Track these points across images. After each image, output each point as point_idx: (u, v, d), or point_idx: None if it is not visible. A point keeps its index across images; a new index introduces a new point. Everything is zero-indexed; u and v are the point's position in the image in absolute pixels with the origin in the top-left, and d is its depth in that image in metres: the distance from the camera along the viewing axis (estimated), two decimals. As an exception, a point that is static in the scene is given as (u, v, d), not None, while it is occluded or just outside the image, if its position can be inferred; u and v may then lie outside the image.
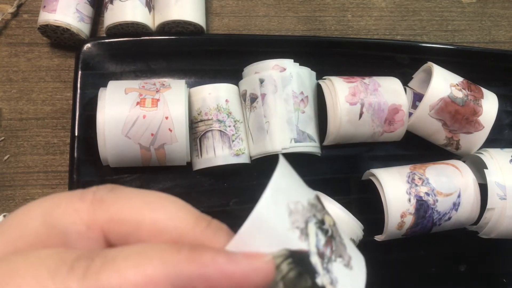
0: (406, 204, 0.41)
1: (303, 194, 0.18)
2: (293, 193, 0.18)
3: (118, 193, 0.17)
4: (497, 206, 0.41)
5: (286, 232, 0.16)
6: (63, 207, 0.16)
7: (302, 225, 0.17)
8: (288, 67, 0.44)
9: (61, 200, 0.16)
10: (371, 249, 0.44)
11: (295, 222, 0.17)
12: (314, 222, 0.18)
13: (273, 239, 0.15)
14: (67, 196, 0.17)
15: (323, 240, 0.18)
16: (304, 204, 0.18)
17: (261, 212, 0.15)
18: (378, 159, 0.49)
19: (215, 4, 0.53)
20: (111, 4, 0.46)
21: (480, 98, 0.45)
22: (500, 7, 0.59)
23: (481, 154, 0.44)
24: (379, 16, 0.56)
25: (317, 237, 0.18)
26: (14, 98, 0.48)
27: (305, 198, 0.18)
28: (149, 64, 0.48)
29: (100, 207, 0.16)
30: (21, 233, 0.16)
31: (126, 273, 0.14)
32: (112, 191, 0.17)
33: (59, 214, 0.16)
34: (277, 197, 0.16)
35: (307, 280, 0.16)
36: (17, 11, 0.50)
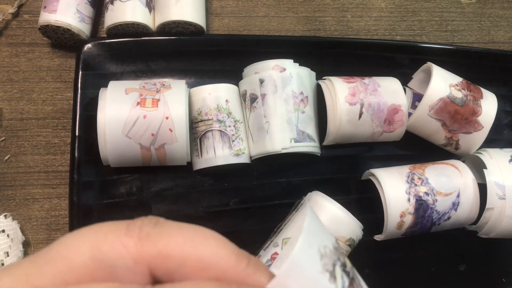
0: (405, 203, 0.41)
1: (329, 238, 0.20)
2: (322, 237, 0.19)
3: (163, 228, 0.17)
4: (496, 206, 0.42)
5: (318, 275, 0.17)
6: (111, 242, 0.17)
7: (331, 268, 0.18)
8: (288, 67, 0.44)
9: (107, 233, 0.17)
10: (370, 249, 0.44)
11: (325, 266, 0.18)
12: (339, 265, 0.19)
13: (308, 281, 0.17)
14: (114, 229, 0.17)
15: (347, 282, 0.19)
16: (331, 248, 0.19)
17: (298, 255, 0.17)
18: (377, 159, 0.49)
19: (215, 4, 0.54)
20: (112, 5, 0.46)
21: (480, 98, 0.45)
22: (499, 8, 0.59)
23: (480, 154, 0.44)
24: (379, 17, 0.56)
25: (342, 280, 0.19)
26: (15, 98, 0.48)
27: (330, 242, 0.19)
28: (149, 64, 0.48)
29: (146, 242, 0.17)
30: (70, 266, 0.16)
31: None
32: (157, 226, 0.17)
33: (107, 249, 0.17)
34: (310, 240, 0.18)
35: None
36: (18, 11, 0.50)
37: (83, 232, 0.17)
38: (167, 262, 0.17)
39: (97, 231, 0.17)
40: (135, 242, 0.17)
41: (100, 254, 0.16)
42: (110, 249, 0.16)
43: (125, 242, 0.17)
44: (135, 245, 0.17)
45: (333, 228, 0.40)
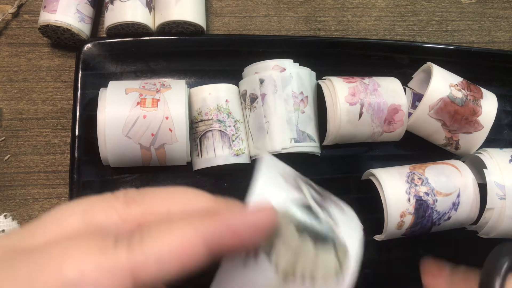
0: (405, 203, 0.41)
1: (288, 168, 0.23)
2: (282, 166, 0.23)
3: (146, 191, 0.19)
4: (497, 206, 0.42)
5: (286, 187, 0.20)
6: (100, 205, 0.19)
7: (295, 184, 0.21)
8: (288, 67, 0.44)
9: (96, 200, 0.19)
10: (370, 249, 0.44)
11: (288, 182, 0.21)
12: (304, 184, 0.22)
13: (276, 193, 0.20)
14: (102, 197, 0.19)
15: (316, 195, 0.22)
16: (291, 173, 0.22)
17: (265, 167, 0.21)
18: (377, 159, 0.49)
19: (215, 4, 0.54)
20: (112, 5, 0.46)
21: (480, 98, 0.45)
22: (499, 8, 0.59)
23: (480, 154, 0.44)
24: (379, 17, 0.56)
25: (310, 192, 0.22)
26: (15, 98, 0.48)
27: (290, 170, 0.23)
28: (149, 64, 0.48)
29: (133, 204, 0.19)
30: (62, 228, 0.18)
31: (163, 239, 0.17)
32: (140, 191, 0.19)
33: (97, 212, 0.18)
34: (270, 168, 0.22)
35: (311, 218, 0.20)
36: (18, 11, 0.50)
37: (74, 202, 0.19)
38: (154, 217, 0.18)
39: (87, 200, 0.19)
40: (122, 204, 0.19)
41: (91, 217, 0.18)
42: (100, 211, 0.18)
43: (113, 204, 0.18)
44: (122, 206, 0.19)
45: (333, 228, 0.40)
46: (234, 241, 0.18)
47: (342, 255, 0.21)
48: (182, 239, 0.17)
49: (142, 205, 0.19)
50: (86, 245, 0.16)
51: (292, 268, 0.20)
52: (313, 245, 0.20)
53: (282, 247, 0.20)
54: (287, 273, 0.20)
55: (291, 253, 0.20)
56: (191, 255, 0.17)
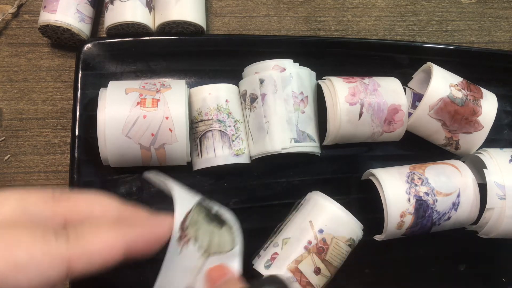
0: (405, 203, 0.41)
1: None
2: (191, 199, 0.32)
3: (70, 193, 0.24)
4: (497, 206, 0.41)
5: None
6: (34, 197, 0.22)
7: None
8: (288, 67, 0.44)
9: (30, 192, 0.22)
10: (371, 249, 0.44)
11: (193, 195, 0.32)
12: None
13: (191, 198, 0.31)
14: (34, 189, 0.23)
15: None
16: None
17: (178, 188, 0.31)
18: (377, 159, 0.49)
19: (215, 4, 0.54)
20: (112, 5, 0.46)
21: (480, 98, 0.45)
22: (499, 8, 0.59)
23: (480, 154, 0.44)
24: (379, 17, 0.56)
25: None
26: (15, 98, 0.48)
27: None
28: (149, 64, 0.48)
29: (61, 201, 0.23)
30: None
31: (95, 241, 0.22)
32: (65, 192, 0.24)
33: (31, 202, 0.22)
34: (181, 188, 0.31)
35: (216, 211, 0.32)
36: (18, 11, 0.50)
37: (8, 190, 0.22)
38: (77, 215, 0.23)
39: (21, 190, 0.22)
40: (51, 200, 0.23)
41: (26, 204, 0.21)
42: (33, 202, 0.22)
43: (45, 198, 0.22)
44: (53, 201, 0.23)
45: (333, 228, 0.40)
46: (144, 247, 0.24)
47: (233, 233, 0.31)
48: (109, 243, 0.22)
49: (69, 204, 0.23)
50: (32, 233, 0.20)
51: (208, 248, 0.29)
52: (219, 229, 0.31)
53: (202, 234, 0.29)
54: (206, 252, 0.29)
55: (208, 237, 0.30)
56: (112, 256, 0.22)
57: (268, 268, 0.40)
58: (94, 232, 0.22)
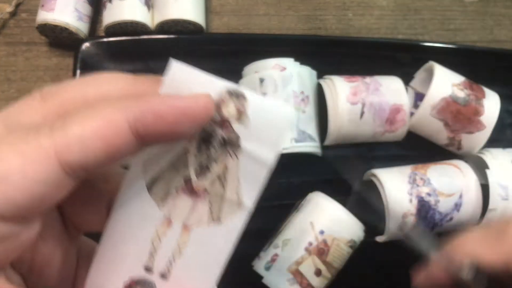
0: (407, 204, 0.41)
1: None
2: None
3: (61, 84, 0.19)
4: (499, 207, 0.41)
5: (207, 75, 0.18)
6: (18, 108, 0.18)
7: None
8: (288, 66, 0.44)
9: (14, 104, 0.18)
10: (372, 250, 0.44)
11: None
12: None
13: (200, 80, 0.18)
14: (19, 101, 0.19)
15: None
16: None
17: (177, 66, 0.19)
18: (379, 159, 0.48)
19: (214, 2, 0.53)
20: (110, 3, 0.46)
21: (482, 98, 0.45)
22: (502, 6, 0.58)
23: (483, 154, 0.44)
24: (380, 15, 0.56)
25: None
26: (13, 98, 0.47)
27: None
28: (148, 63, 0.47)
29: (49, 97, 0.18)
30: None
31: (85, 122, 0.16)
32: (55, 85, 0.19)
33: (15, 114, 0.18)
34: None
35: None
36: (16, 10, 0.50)
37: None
38: (72, 106, 0.18)
39: (6, 108, 0.18)
40: (38, 101, 0.18)
41: (10, 119, 0.18)
42: (18, 112, 0.18)
43: (30, 104, 0.18)
44: (39, 103, 0.18)
45: (334, 229, 0.40)
46: (160, 125, 0.17)
47: None
48: (104, 120, 0.16)
49: (58, 97, 0.18)
50: (8, 140, 0.16)
51: None
52: None
53: None
54: None
55: None
56: (115, 134, 0.16)
57: (268, 269, 0.39)
58: (86, 113, 0.16)
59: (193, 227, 0.19)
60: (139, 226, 0.19)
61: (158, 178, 0.19)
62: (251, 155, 0.19)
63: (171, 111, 0.17)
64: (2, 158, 0.16)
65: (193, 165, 0.19)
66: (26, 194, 0.16)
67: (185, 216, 0.19)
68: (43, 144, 0.16)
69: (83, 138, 0.16)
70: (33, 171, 0.16)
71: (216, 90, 0.18)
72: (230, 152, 0.19)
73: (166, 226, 0.19)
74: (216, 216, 0.19)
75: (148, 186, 0.19)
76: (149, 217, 0.19)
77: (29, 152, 0.16)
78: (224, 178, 0.19)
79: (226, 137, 0.18)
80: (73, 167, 0.16)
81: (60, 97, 0.18)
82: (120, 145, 0.16)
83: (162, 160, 0.19)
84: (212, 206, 0.19)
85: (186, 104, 0.17)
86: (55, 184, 0.16)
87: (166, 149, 0.19)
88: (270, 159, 0.19)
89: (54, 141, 0.16)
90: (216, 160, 0.19)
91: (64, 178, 0.16)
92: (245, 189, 0.19)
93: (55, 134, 0.16)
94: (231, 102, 0.18)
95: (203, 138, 0.19)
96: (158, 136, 0.17)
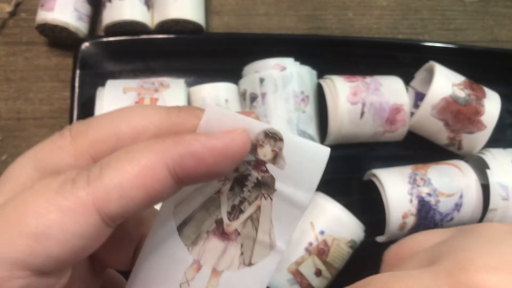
0: (407, 204, 0.41)
1: None
2: None
3: (90, 121, 0.18)
4: (500, 207, 0.41)
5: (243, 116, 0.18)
6: (48, 150, 0.17)
7: None
8: (288, 66, 0.43)
9: (44, 145, 0.18)
10: (372, 250, 0.44)
11: None
12: None
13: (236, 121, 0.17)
14: (49, 140, 0.18)
15: None
16: None
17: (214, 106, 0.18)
18: (379, 159, 0.48)
19: (214, 2, 0.53)
20: (110, 3, 0.45)
21: (483, 98, 0.45)
22: (502, 6, 0.58)
23: (483, 154, 0.44)
24: (381, 15, 0.56)
25: None
26: (12, 98, 0.47)
27: None
28: (147, 63, 0.47)
29: (79, 138, 0.17)
30: (17, 182, 0.17)
31: (124, 169, 0.15)
32: (85, 121, 0.18)
33: (45, 155, 0.17)
34: None
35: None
36: (15, 10, 0.50)
37: (23, 154, 0.18)
38: (103, 145, 0.17)
39: (34, 148, 0.18)
40: (69, 141, 0.17)
41: (41, 163, 0.17)
42: (48, 155, 0.17)
43: (60, 144, 0.17)
44: (70, 143, 0.17)
45: (334, 230, 0.40)
46: (199, 167, 0.16)
47: None
48: (143, 166, 0.16)
49: (88, 135, 0.17)
50: (42, 192, 0.16)
51: None
52: None
53: None
54: None
55: None
56: (154, 180, 0.16)
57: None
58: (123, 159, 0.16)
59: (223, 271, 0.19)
60: (168, 269, 0.19)
61: (189, 220, 0.19)
62: (286, 197, 0.18)
63: (210, 153, 0.16)
64: (41, 213, 0.15)
65: (225, 207, 0.18)
66: (67, 249, 0.15)
67: (215, 260, 0.19)
68: (81, 196, 0.15)
69: (122, 188, 0.15)
70: (73, 226, 0.15)
71: (252, 131, 0.17)
72: (264, 194, 0.18)
73: (195, 271, 0.19)
74: (248, 260, 0.18)
75: (179, 228, 0.18)
76: (179, 261, 0.19)
77: (68, 206, 0.15)
78: (256, 220, 0.18)
79: (260, 179, 0.18)
80: (113, 217, 0.16)
81: (91, 135, 0.17)
82: (160, 191, 0.16)
83: (193, 201, 0.18)
84: (244, 249, 0.19)
85: (224, 144, 0.17)
86: (94, 236, 0.16)
87: (198, 190, 0.18)
88: (305, 202, 0.18)
89: (92, 193, 0.15)
90: (250, 202, 0.18)
91: (103, 228, 0.16)
92: (278, 231, 0.18)
93: (92, 185, 0.15)
94: (267, 143, 0.18)
95: (237, 179, 0.18)
96: (197, 178, 0.17)
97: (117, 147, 0.17)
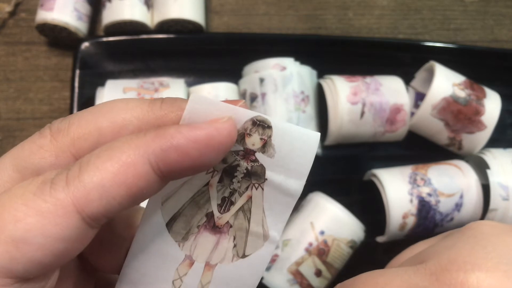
0: (408, 204, 0.41)
1: None
2: None
3: (70, 118, 0.17)
4: (500, 207, 0.41)
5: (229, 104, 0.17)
6: (28, 149, 0.17)
7: None
8: (288, 66, 0.43)
9: (23, 144, 0.17)
10: (372, 250, 0.44)
11: None
12: None
13: (222, 110, 0.17)
14: (28, 140, 0.17)
15: None
16: None
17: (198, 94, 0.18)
18: (379, 159, 0.48)
19: (214, 2, 0.53)
20: (109, 2, 0.45)
21: (483, 98, 0.45)
22: (502, 6, 0.58)
23: (483, 154, 0.44)
24: (381, 15, 0.56)
25: None
26: (12, 98, 0.47)
27: None
28: (147, 63, 0.47)
29: (59, 136, 0.17)
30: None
31: (104, 167, 0.15)
32: (65, 118, 0.18)
33: (26, 156, 0.17)
34: None
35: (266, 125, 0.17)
36: (15, 10, 0.50)
37: (3, 155, 0.17)
38: (85, 142, 0.17)
39: (15, 148, 0.17)
40: (49, 140, 0.17)
41: (21, 163, 0.17)
42: (28, 155, 0.17)
43: (40, 143, 0.17)
44: (50, 142, 0.17)
45: (334, 230, 0.39)
46: (183, 161, 0.15)
47: None
48: (123, 163, 0.15)
49: (69, 133, 0.17)
50: (20, 195, 0.15)
51: None
52: None
53: None
54: None
55: None
56: (136, 177, 0.15)
57: (268, 270, 0.39)
58: (103, 156, 0.15)
59: (217, 265, 0.18)
60: (158, 267, 0.18)
61: (178, 216, 0.18)
62: (277, 186, 0.17)
63: (193, 145, 0.16)
64: (19, 218, 0.15)
65: (215, 199, 0.18)
66: (48, 253, 0.15)
67: (208, 254, 0.18)
68: (60, 198, 0.15)
69: (103, 186, 0.15)
70: (54, 229, 0.15)
71: (239, 120, 0.17)
72: (255, 184, 0.17)
73: (188, 266, 0.18)
74: (242, 252, 0.18)
75: (168, 225, 0.18)
76: (170, 258, 0.18)
77: (47, 208, 0.15)
78: (248, 210, 0.18)
79: (250, 169, 0.17)
80: (95, 218, 0.15)
81: (72, 133, 0.17)
82: (143, 187, 0.15)
83: (182, 195, 0.18)
84: (237, 241, 0.18)
85: (208, 134, 0.16)
86: (77, 238, 0.15)
87: (186, 184, 0.18)
88: (297, 190, 0.17)
89: (71, 193, 0.15)
90: (240, 193, 0.18)
91: (86, 229, 0.15)
92: (271, 221, 0.18)
93: (71, 185, 0.15)
94: (256, 132, 0.17)
95: (226, 170, 0.17)
96: (182, 172, 0.16)
97: (99, 144, 0.16)
